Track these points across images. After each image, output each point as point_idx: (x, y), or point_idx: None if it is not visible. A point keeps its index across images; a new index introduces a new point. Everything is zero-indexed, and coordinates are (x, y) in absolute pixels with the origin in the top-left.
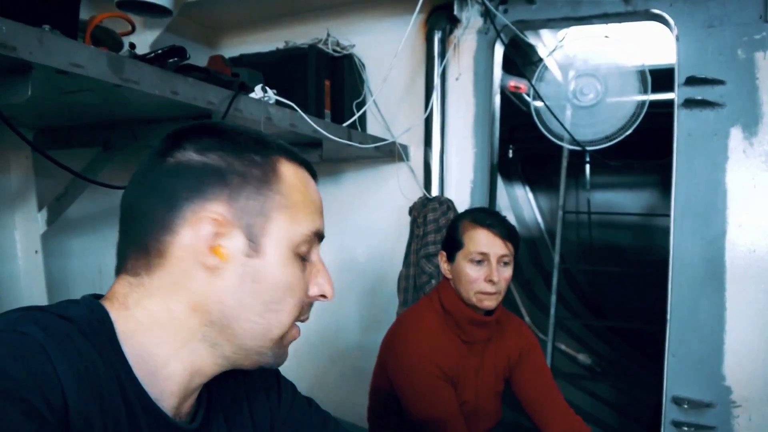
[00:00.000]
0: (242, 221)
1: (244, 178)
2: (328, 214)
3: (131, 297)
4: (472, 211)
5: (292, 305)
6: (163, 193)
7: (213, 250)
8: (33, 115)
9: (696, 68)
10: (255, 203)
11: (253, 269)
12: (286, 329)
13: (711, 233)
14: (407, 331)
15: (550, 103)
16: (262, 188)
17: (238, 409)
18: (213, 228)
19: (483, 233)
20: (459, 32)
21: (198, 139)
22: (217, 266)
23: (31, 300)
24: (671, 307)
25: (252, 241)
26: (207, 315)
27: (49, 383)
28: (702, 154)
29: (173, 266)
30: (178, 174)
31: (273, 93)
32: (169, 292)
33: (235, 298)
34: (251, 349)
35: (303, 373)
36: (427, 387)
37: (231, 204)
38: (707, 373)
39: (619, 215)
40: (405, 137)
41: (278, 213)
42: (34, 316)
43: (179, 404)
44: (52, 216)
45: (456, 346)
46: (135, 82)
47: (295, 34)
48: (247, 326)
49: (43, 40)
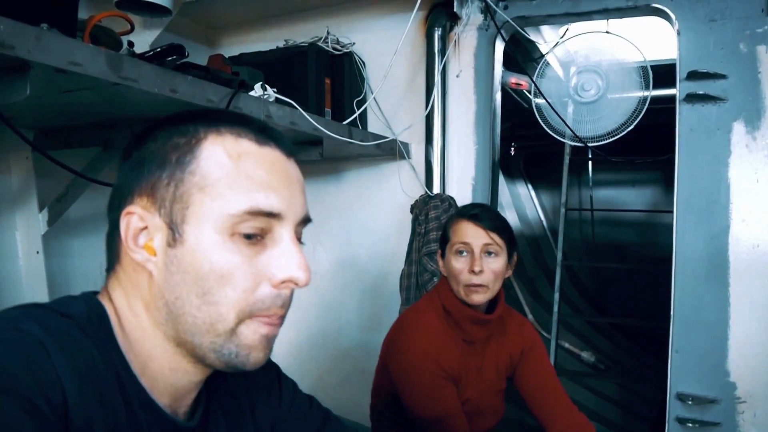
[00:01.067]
0: (164, 210)
1: (162, 166)
2: (329, 213)
3: (113, 293)
4: (462, 206)
5: (231, 296)
6: (113, 193)
7: (144, 246)
8: (33, 115)
9: (698, 63)
10: (171, 189)
11: (177, 259)
12: (230, 323)
13: (714, 229)
14: (408, 330)
15: (551, 100)
16: (176, 172)
17: (238, 407)
18: (137, 223)
19: (465, 224)
20: (459, 29)
21: (145, 134)
22: (148, 261)
23: (33, 300)
24: (675, 303)
25: (173, 230)
26: (158, 312)
27: (49, 381)
28: (704, 149)
29: (125, 265)
30: (119, 173)
31: (273, 91)
32: (129, 293)
33: (172, 293)
34: (204, 346)
35: (305, 372)
36: (428, 385)
37: (152, 195)
38: (711, 369)
39: (621, 212)
40: (406, 135)
41: (195, 196)
42: (34, 314)
43: (172, 402)
44: (53, 216)
45: (457, 345)
46: (134, 80)
47: (295, 33)
48: (190, 320)
49: (42, 39)
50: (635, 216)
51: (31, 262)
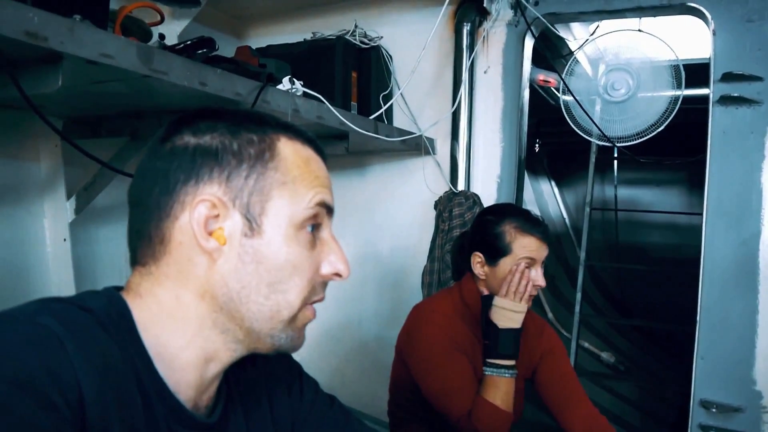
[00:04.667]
0: (239, 201)
1: (239, 158)
2: (353, 207)
3: (143, 286)
4: (513, 215)
5: (299, 285)
6: (160, 179)
7: (211, 233)
8: (62, 104)
9: (733, 64)
10: (251, 182)
11: (253, 250)
12: (295, 310)
13: (745, 234)
14: (422, 314)
15: (579, 98)
16: (257, 166)
17: (259, 405)
18: (209, 210)
19: (533, 240)
20: (488, 24)
21: (195, 123)
22: (216, 249)
23: (59, 286)
24: (701, 308)
25: (251, 221)
26: (214, 301)
27: (66, 376)
28: (737, 153)
29: (176, 252)
30: (173, 158)
31: (300, 84)
32: (176, 280)
33: (239, 281)
34: (262, 331)
35: (324, 364)
36: (441, 357)
37: (227, 185)
38: (737, 377)
39: (646, 213)
40: (432, 130)
41: (276, 190)
42: (52, 308)
43: (197, 396)
44: (81, 205)
45: (469, 339)
46: (164, 72)
47: (322, 25)
48: (254, 309)
49: (74, 30)
50: (660, 217)
51: (59, 249)
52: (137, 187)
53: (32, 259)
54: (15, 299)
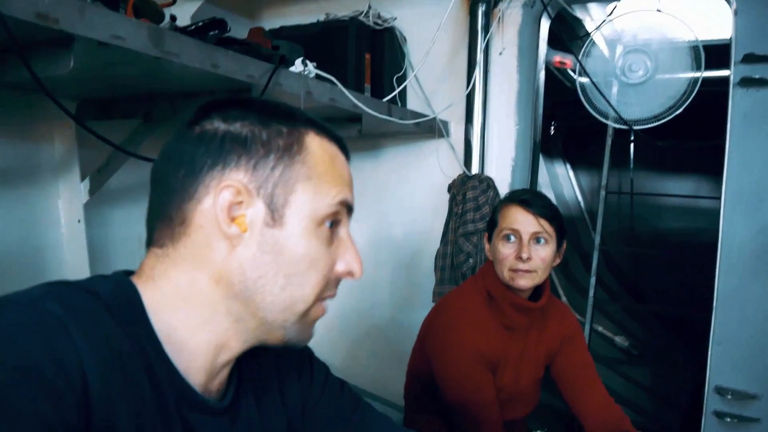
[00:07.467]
0: (264, 191)
1: (267, 148)
2: (366, 190)
3: (157, 269)
4: (513, 191)
5: (315, 279)
6: (187, 162)
7: (233, 219)
8: (75, 86)
9: (755, 45)
10: (277, 173)
11: (273, 240)
12: (310, 304)
13: (764, 220)
14: (450, 312)
15: (596, 80)
16: (285, 158)
17: (269, 389)
18: (233, 196)
19: (515, 209)
20: (504, 5)
21: (225, 109)
22: (237, 236)
23: (74, 267)
24: (718, 294)
25: (273, 211)
26: (229, 287)
27: (69, 361)
28: (758, 136)
29: (196, 235)
30: (201, 142)
31: (313, 66)
32: (193, 263)
33: (257, 270)
34: (274, 322)
35: (336, 346)
36: (465, 371)
37: (253, 173)
38: (753, 364)
39: (662, 197)
40: (446, 113)
41: (301, 184)
42: (58, 292)
43: (207, 381)
44: (95, 186)
45: (498, 331)
46: (175, 54)
47: (335, 6)
48: (269, 299)
49: (85, 12)
50: (677, 201)
51: (73, 230)
52: (161, 168)
53: (47, 240)
54: (31, 279)
